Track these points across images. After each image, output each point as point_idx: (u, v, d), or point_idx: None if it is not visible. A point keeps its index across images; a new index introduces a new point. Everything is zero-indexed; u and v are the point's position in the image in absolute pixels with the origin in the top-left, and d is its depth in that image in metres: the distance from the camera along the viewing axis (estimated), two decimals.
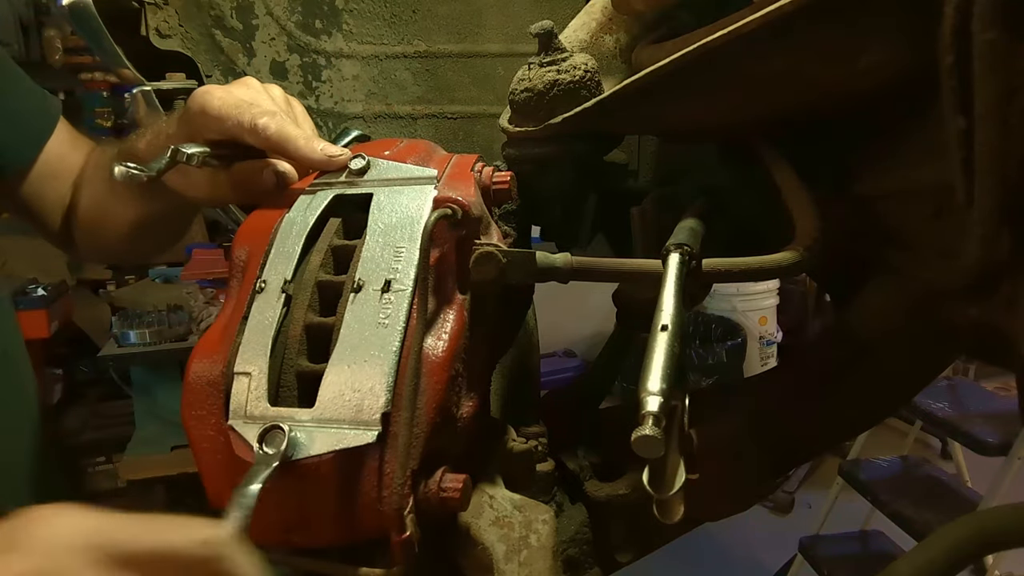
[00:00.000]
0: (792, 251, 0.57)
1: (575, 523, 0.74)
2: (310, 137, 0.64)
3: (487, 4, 1.04)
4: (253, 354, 0.53)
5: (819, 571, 2.47)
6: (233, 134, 0.64)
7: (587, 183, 0.78)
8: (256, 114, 0.64)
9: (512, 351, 0.76)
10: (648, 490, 0.45)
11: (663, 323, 0.48)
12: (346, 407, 0.50)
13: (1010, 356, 0.49)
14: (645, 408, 0.42)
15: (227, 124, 0.64)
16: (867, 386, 0.70)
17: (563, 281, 0.58)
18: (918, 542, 0.49)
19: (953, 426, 2.35)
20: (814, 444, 0.79)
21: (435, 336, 0.54)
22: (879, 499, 2.40)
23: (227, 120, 0.63)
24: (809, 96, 0.58)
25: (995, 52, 0.36)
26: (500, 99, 0.88)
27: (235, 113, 0.63)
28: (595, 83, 0.67)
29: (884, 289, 0.68)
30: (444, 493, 0.52)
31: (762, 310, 3.83)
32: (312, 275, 0.56)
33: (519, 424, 0.70)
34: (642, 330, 0.50)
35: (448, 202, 0.57)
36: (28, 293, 2.71)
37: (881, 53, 0.48)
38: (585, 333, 4.18)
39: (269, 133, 0.63)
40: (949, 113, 0.39)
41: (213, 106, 0.64)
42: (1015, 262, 0.41)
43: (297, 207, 0.60)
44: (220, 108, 0.64)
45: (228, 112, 0.63)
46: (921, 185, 0.57)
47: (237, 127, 0.63)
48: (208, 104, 0.64)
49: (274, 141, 0.64)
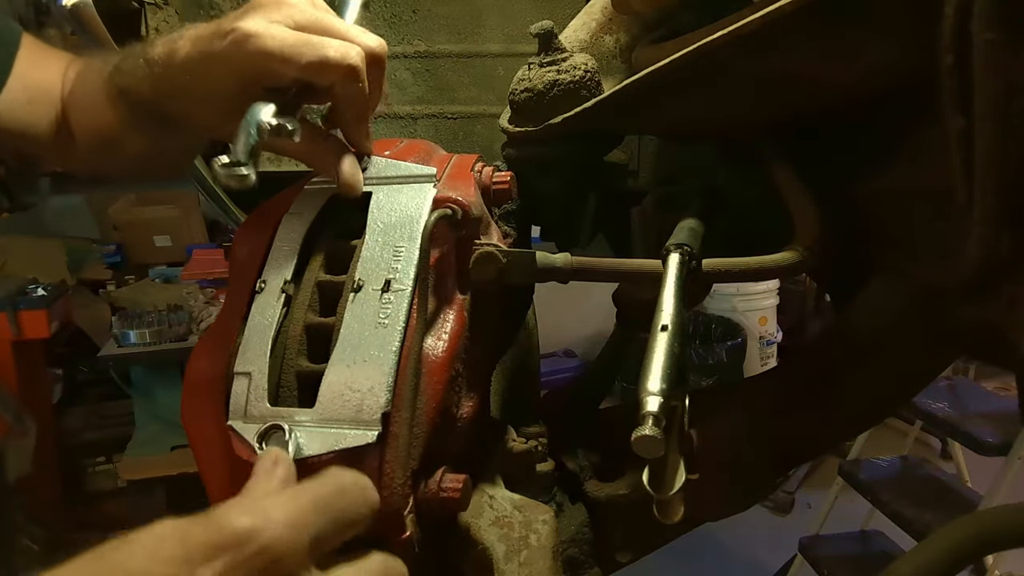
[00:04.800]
0: (792, 251, 0.57)
1: (575, 523, 0.74)
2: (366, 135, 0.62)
3: (487, 4, 1.04)
4: (253, 354, 0.53)
5: (819, 571, 2.47)
6: (300, 80, 0.57)
7: (587, 183, 0.78)
8: (344, 53, 0.56)
9: (512, 351, 0.76)
10: (648, 490, 0.45)
11: (663, 323, 0.48)
12: (346, 407, 0.50)
13: (1010, 356, 0.49)
14: (645, 408, 0.42)
15: (297, 67, 0.56)
16: (867, 386, 0.70)
17: (563, 281, 0.58)
18: (918, 542, 0.49)
19: (953, 426, 2.35)
20: (814, 444, 0.79)
21: (435, 336, 0.54)
22: (879, 499, 2.41)
23: (299, 62, 0.56)
24: (809, 96, 0.58)
25: (995, 52, 0.36)
26: (500, 99, 0.88)
27: (307, 52, 0.56)
28: (595, 83, 0.67)
29: (884, 289, 0.68)
30: (444, 493, 0.52)
31: (762, 310, 3.83)
32: (312, 275, 0.56)
33: (519, 424, 0.70)
34: (642, 330, 0.50)
35: (448, 202, 0.57)
36: (28, 293, 2.71)
37: (881, 53, 0.48)
38: (585, 333, 4.18)
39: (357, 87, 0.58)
40: (949, 113, 0.39)
41: (274, 48, 0.56)
42: (1015, 262, 0.41)
43: (297, 206, 0.60)
44: (282, 49, 0.56)
45: (299, 52, 0.56)
46: (921, 185, 0.57)
47: (314, 68, 0.56)
48: (267, 47, 0.56)
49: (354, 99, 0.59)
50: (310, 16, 0.58)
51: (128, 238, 3.57)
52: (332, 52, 0.56)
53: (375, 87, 0.61)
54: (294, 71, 0.56)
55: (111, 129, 0.73)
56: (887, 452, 2.73)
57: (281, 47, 0.55)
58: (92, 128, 0.77)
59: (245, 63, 0.56)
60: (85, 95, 0.77)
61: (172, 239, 3.56)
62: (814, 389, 0.72)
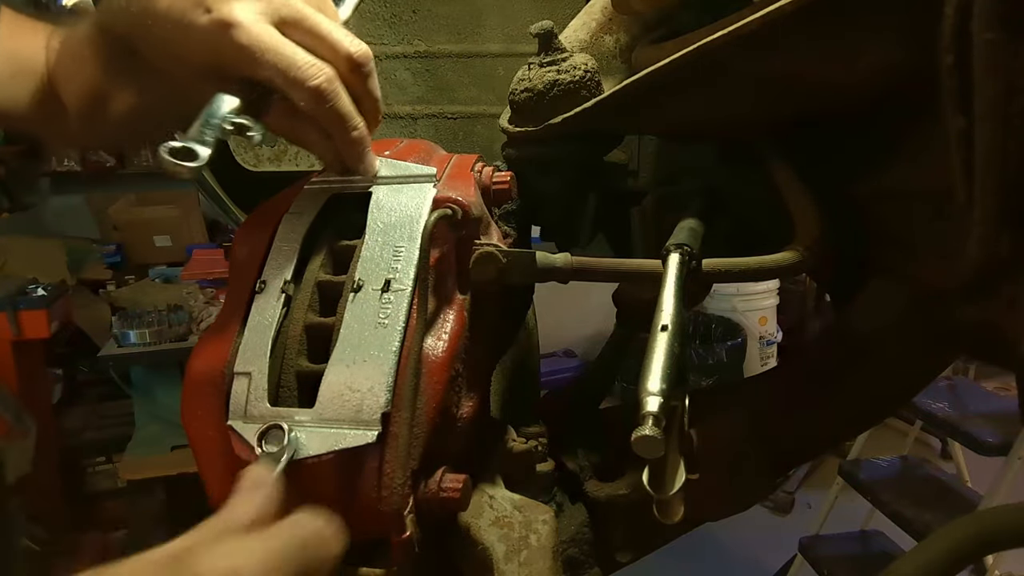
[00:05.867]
0: (792, 251, 0.57)
1: (575, 523, 0.74)
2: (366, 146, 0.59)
3: (487, 4, 1.04)
4: (253, 354, 0.53)
5: (819, 571, 2.47)
6: (270, 82, 0.55)
7: (587, 183, 0.78)
8: (310, 73, 0.54)
9: (512, 351, 0.76)
10: (648, 490, 0.45)
11: (663, 323, 0.48)
12: (346, 407, 0.50)
13: (1010, 356, 0.49)
14: (645, 408, 0.42)
15: (266, 71, 0.54)
16: (867, 386, 0.70)
17: (563, 281, 0.58)
18: (918, 542, 0.49)
19: (953, 426, 2.35)
20: (814, 444, 0.79)
21: (435, 336, 0.54)
22: (879, 499, 2.41)
23: (267, 67, 0.53)
24: (809, 96, 0.58)
25: (995, 52, 0.36)
26: (500, 99, 0.88)
27: (275, 61, 0.53)
28: (595, 83, 0.67)
29: (884, 289, 0.68)
30: (444, 493, 0.52)
31: (762, 310, 3.83)
32: (312, 275, 0.56)
33: (519, 424, 0.70)
34: (642, 330, 0.50)
35: (448, 202, 0.57)
36: (28, 293, 2.71)
37: (881, 53, 0.48)
38: (585, 333, 4.18)
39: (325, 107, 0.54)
40: (949, 113, 0.39)
41: (247, 46, 0.53)
42: (1015, 262, 0.41)
43: (297, 206, 0.60)
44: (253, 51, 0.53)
45: (267, 58, 0.53)
46: (921, 185, 0.57)
47: (280, 78, 0.54)
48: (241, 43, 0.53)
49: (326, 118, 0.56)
50: (296, 12, 0.56)
51: (128, 238, 3.58)
52: (295, 72, 0.54)
53: (362, 94, 0.58)
54: (261, 75, 0.54)
55: (97, 83, 0.70)
56: (887, 452, 2.73)
57: (253, 48, 0.53)
58: (80, 91, 0.73)
59: (218, 50, 0.54)
60: (72, 59, 0.74)
61: (172, 239, 3.56)
62: (814, 389, 0.72)
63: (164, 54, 0.59)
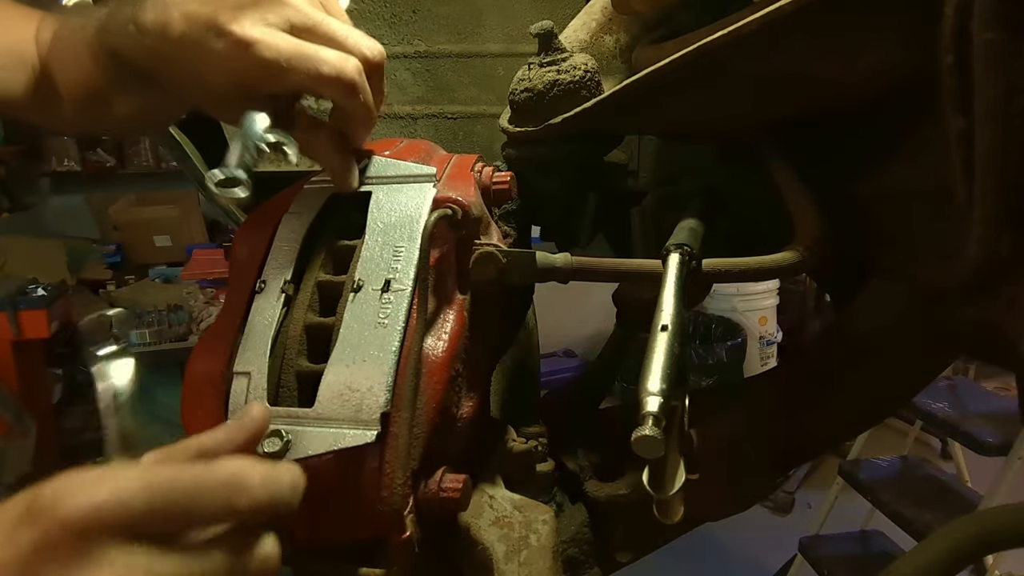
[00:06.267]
0: (792, 251, 0.57)
1: (575, 523, 0.74)
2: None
3: (487, 4, 1.04)
4: (253, 354, 0.53)
5: (819, 571, 2.47)
6: (299, 88, 0.56)
7: (587, 183, 0.78)
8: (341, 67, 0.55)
9: (512, 351, 0.76)
10: (648, 490, 0.45)
11: (663, 323, 0.48)
12: (346, 407, 0.50)
13: (1010, 356, 0.49)
14: (645, 408, 0.42)
15: (295, 77, 0.54)
16: (867, 386, 0.70)
17: (563, 281, 0.58)
18: (918, 542, 0.49)
19: (953, 426, 2.35)
20: (814, 444, 0.79)
21: (435, 336, 0.54)
22: (879, 499, 2.40)
23: (296, 73, 0.54)
24: (809, 96, 0.58)
25: (995, 52, 0.36)
26: (500, 99, 0.88)
27: (303, 65, 0.54)
28: (595, 83, 0.67)
29: (884, 289, 0.68)
30: (444, 493, 0.52)
31: (762, 310, 3.83)
32: (312, 275, 0.56)
33: (519, 424, 0.70)
34: (642, 330, 0.50)
35: (448, 202, 0.57)
36: (28, 293, 2.72)
37: (881, 53, 0.48)
38: (585, 333, 4.18)
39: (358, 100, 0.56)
40: (949, 113, 0.39)
41: (270, 60, 0.54)
42: (1015, 262, 0.41)
43: (297, 206, 0.60)
44: (279, 62, 0.54)
45: (294, 64, 0.54)
46: (921, 185, 0.57)
47: (311, 79, 0.55)
48: (264, 58, 0.53)
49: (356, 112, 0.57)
50: (307, 19, 0.56)
51: (128, 238, 3.58)
52: (327, 68, 0.54)
53: (376, 93, 0.59)
54: (290, 84, 0.55)
55: (99, 87, 0.69)
56: (887, 452, 2.72)
57: (277, 59, 0.53)
58: (79, 86, 0.72)
59: (241, 70, 0.55)
60: (68, 54, 0.73)
61: (172, 239, 3.56)
62: (814, 389, 0.72)
63: (187, 83, 0.59)
